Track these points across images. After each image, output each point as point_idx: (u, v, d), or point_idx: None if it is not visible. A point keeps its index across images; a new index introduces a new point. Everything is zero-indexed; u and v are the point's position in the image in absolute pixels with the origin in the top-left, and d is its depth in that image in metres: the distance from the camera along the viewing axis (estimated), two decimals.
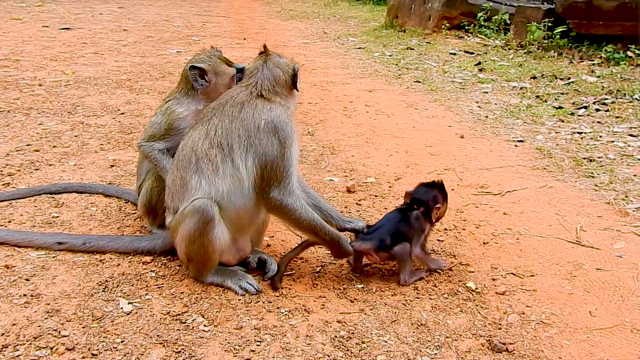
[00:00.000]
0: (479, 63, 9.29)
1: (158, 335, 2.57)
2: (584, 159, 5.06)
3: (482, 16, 11.65)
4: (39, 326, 2.58)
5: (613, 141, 5.54)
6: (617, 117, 6.30)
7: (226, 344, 2.53)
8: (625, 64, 8.37)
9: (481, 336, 2.68)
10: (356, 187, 4.43)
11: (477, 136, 5.82)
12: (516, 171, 4.84)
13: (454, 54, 10.27)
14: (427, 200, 3.25)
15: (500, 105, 6.98)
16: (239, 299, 2.89)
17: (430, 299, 2.99)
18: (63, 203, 3.91)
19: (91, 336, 2.54)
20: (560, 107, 6.71)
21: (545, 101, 7.04)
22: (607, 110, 6.53)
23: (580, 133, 5.82)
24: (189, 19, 15.43)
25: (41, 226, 3.58)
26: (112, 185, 4.26)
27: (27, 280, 2.96)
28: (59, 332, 2.55)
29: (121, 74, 8.14)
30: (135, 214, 3.85)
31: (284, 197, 2.90)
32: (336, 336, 2.63)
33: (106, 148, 5.09)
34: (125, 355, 2.43)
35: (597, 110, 6.57)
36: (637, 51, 8.51)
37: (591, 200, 4.24)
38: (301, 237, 3.46)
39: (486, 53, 10.18)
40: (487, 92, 7.64)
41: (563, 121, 6.25)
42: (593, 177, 4.67)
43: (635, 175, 4.67)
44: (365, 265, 3.27)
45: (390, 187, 4.49)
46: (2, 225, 3.57)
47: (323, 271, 3.24)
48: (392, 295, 3.00)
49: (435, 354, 2.55)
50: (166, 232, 3.17)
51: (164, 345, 2.50)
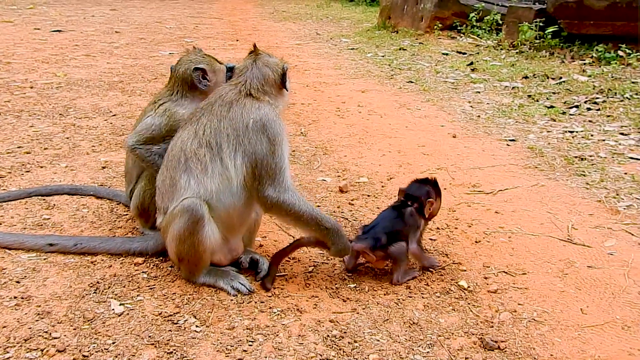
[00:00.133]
0: (471, 63, 9.32)
1: (150, 336, 2.56)
2: (576, 157, 5.08)
3: (474, 16, 11.69)
4: (30, 328, 2.57)
5: (604, 140, 5.57)
6: (608, 116, 6.33)
7: (218, 344, 2.53)
8: (616, 63, 8.41)
9: (473, 334, 2.68)
10: (349, 187, 4.43)
11: (470, 135, 5.83)
12: (508, 170, 4.85)
13: (447, 54, 10.30)
14: (419, 196, 3.27)
15: (492, 104, 7.00)
16: (231, 299, 2.89)
17: (423, 297, 2.99)
18: (54, 205, 3.90)
19: (82, 338, 2.52)
20: (552, 107, 6.73)
21: (537, 100, 7.07)
22: (598, 109, 6.56)
23: (571, 132, 5.84)
24: (182, 21, 15.40)
25: (32, 228, 3.56)
26: (103, 186, 4.24)
27: (18, 282, 2.94)
28: (50, 334, 2.54)
29: (113, 76, 8.12)
30: (127, 215, 3.83)
31: (279, 195, 2.89)
32: (328, 335, 2.63)
33: (98, 150, 5.07)
34: (116, 357, 2.42)
35: (589, 109, 6.60)
36: (627, 50, 8.55)
37: (582, 199, 4.26)
38: (294, 237, 3.45)
39: (478, 53, 10.21)
40: (479, 92, 7.66)
41: (555, 120, 6.28)
42: (584, 175, 4.69)
43: (626, 174, 4.69)
44: (359, 264, 3.27)
45: (382, 186, 4.49)
46: None
47: (315, 271, 3.23)
48: (385, 295, 3.00)
49: (428, 352, 2.55)
50: (158, 233, 3.16)
51: (155, 346, 2.50)
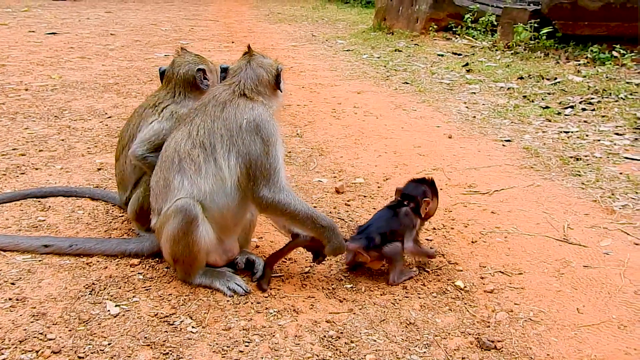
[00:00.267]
0: (467, 64, 9.33)
1: (145, 337, 2.55)
2: (571, 157, 5.09)
3: (469, 18, 11.71)
4: (25, 330, 2.56)
5: (599, 140, 5.58)
6: (603, 116, 6.34)
7: (214, 345, 2.52)
8: (610, 63, 8.43)
9: (470, 334, 2.68)
10: (345, 188, 4.43)
11: (465, 136, 5.84)
12: (504, 170, 4.86)
13: (442, 55, 10.31)
14: (416, 196, 3.27)
15: (487, 105, 7.01)
16: (228, 300, 2.88)
17: (419, 297, 2.99)
18: (49, 207, 3.88)
19: (78, 339, 2.51)
20: (547, 107, 6.75)
21: (532, 101, 7.08)
22: (593, 110, 6.57)
23: (566, 132, 5.85)
24: (177, 23, 15.38)
25: (27, 230, 3.55)
26: (97, 188, 4.23)
27: (13, 284, 2.93)
28: (45, 335, 2.53)
29: (108, 78, 8.10)
30: (122, 217, 3.82)
31: (275, 195, 2.88)
32: (325, 336, 2.63)
33: (93, 152, 5.06)
34: (112, 358, 2.41)
35: (584, 109, 6.62)
36: (622, 51, 8.59)
37: (578, 199, 4.27)
38: (290, 238, 3.44)
39: (473, 54, 10.23)
40: (474, 93, 7.67)
41: (550, 121, 6.29)
42: (580, 175, 4.70)
43: (621, 174, 4.71)
44: (357, 265, 3.27)
45: (379, 187, 4.49)
46: None
47: (312, 271, 3.23)
48: (381, 295, 3.00)
49: (424, 352, 2.55)
50: (154, 234, 3.15)
51: (151, 347, 2.49)
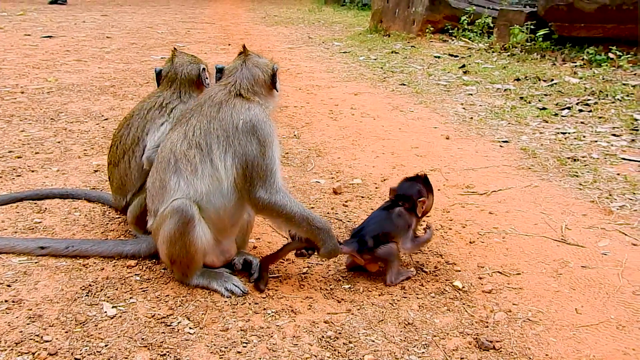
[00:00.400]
0: (463, 66, 9.34)
1: (143, 339, 2.53)
2: (568, 158, 5.10)
3: (465, 20, 11.72)
4: (21, 332, 2.54)
5: (596, 141, 5.59)
6: (600, 117, 6.35)
7: (212, 346, 2.51)
8: (607, 65, 8.45)
9: (468, 334, 2.67)
10: (342, 189, 4.42)
11: (463, 137, 5.84)
12: (501, 171, 4.86)
13: (439, 57, 10.32)
14: (411, 195, 3.24)
15: (484, 106, 7.01)
16: (225, 301, 2.86)
17: (418, 298, 2.98)
18: (46, 209, 3.86)
19: (74, 341, 2.50)
20: (544, 108, 6.76)
21: (529, 102, 7.09)
22: (590, 111, 6.58)
23: (564, 133, 5.86)
24: (173, 26, 15.37)
25: (23, 232, 3.53)
26: (95, 189, 4.22)
27: (9, 286, 2.91)
28: (41, 337, 2.51)
29: (105, 81, 8.08)
30: (119, 218, 3.80)
31: (271, 196, 2.87)
32: (323, 336, 2.61)
33: (90, 153, 5.04)
34: (109, 359, 2.40)
35: (580, 110, 6.63)
36: (618, 53, 8.61)
37: (576, 199, 4.27)
38: (288, 238, 3.43)
39: (470, 56, 10.24)
40: (471, 94, 7.67)
41: (547, 122, 6.30)
42: (577, 176, 4.70)
43: (618, 174, 4.71)
44: (356, 266, 3.24)
45: (376, 188, 4.49)
46: None
47: (309, 272, 3.22)
48: (379, 295, 2.99)
49: (423, 352, 2.54)
50: (151, 236, 3.13)
51: (148, 349, 2.47)
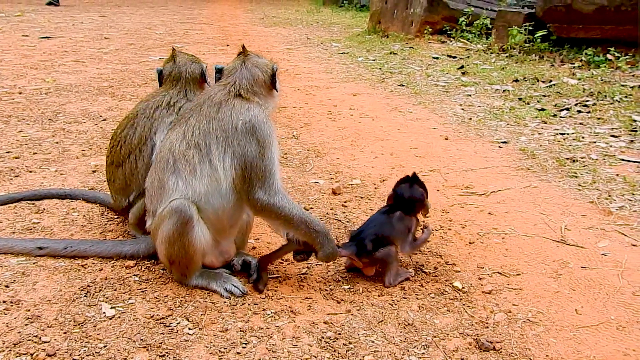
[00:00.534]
0: (462, 67, 9.35)
1: (142, 340, 2.52)
2: (567, 159, 5.09)
3: (463, 21, 11.73)
4: (19, 332, 2.52)
5: (595, 142, 5.58)
6: (599, 118, 6.35)
7: (211, 347, 2.50)
8: (605, 66, 8.45)
9: (468, 335, 2.67)
10: (342, 189, 4.41)
11: (462, 138, 5.84)
12: (500, 172, 4.85)
13: (437, 58, 10.32)
14: (411, 198, 3.22)
15: (483, 107, 7.01)
16: (224, 302, 2.85)
17: (417, 298, 2.97)
18: (44, 209, 3.84)
19: (73, 341, 2.48)
20: (543, 109, 6.76)
21: (528, 103, 7.09)
22: (589, 112, 6.59)
23: (562, 134, 5.86)
24: (172, 27, 15.36)
25: (21, 232, 3.51)
26: (93, 190, 4.20)
27: (7, 286, 2.89)
28: (40, 338, 2.49)
29: (103, 81, 8.06)
30: (118, 218, 3.79)
31: (270, 198, 2.85)
32: (323, 337, 2.60)
33: (88, 154, 5.02)
34: None
35: (579, 111, 6.63)
36: (616, 54, 8.62)
37: (575, 200, 4.26)
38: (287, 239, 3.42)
39: (468, 57, 10.25)
40: (470, 95, 7.67)
41: (546, 123, 6.30)
42: (576, 177, 4.70)
43: (617, 175, 4.71)
44: (353, 267, 3.24)
45: (375, 188, 4.48)
46: None
47: (309, 272, 3.21)
48: (379, 296, 2.98)
49: (423, 353, 2.53)
50: (149, 236, 3.12)
51: (147, 350, 2.46)
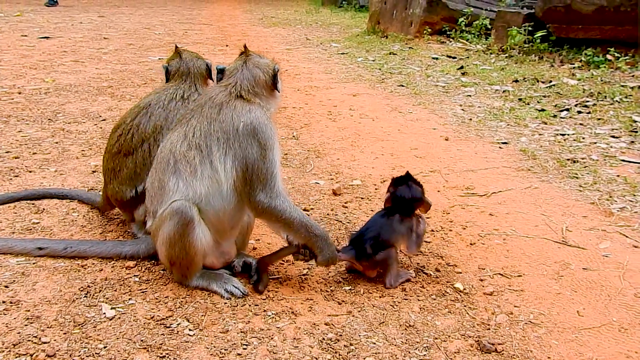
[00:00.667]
0: (462, 67, 9.34)
1: (142, 340, 2.51)
2: (568, 160, 5.09)
3: (463, 21, 11.72)
4: (19, 333, 2.51)
5: (596, 142, 5.58)
6: (599, 119, 6.34)
7: (212, 348, 2.49)
8: (605, 67, 8.45)
9: (470, 337, 2.66)
10: (342, 190, 4.40)
11: (462, 138, 5.83)
12: (501, 172, 4.84)
13: (437, 58, 10.31)
14: (411, 198, 3.18)
15: (483, 108, 7.01)
16: (225, 303, 2.84)
17: (418, 300, 2.96)
18: (43, 209, 3.83)
19: (73, 342, 2.47)
20: (543, 110, 6.75)
21: (528, 104, 7.08)
22: (589, 113, 6.58)
23: (563, 135, 5.85)
24: (171, 27, 15.34)
25: (21, 232, 3.50)
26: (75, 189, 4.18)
27: (6, 287, 2.88)
28: (39, 338, 2.48)
29: (102, 81, 8.05)
30: (118, 219, 3.78)
31: (271, 200, 2.84)
32: (324, 338, 2.59)
33: (88, 154, 5.01)
34: None
35: (579, 112, 6.62)
36: (616, 54, 8.61)
37: (576, 201, 4.26)
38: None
39: (468, 57, 10.24)
40: (470, 96, 7.67)
41: (546, 123, 6.29)
42: (577, 177, 4.69)
43: (618, 176, 4.70)
44: (353, 269, 3.22)
45: (376, 189, 4.47)
46: None
47: (310, 273, 3.20)
48: (380, 297, 2.97)
49: (424, 355, 2.52)
50: (150, 236, 3.11)
51: (148, 350, 2.45)
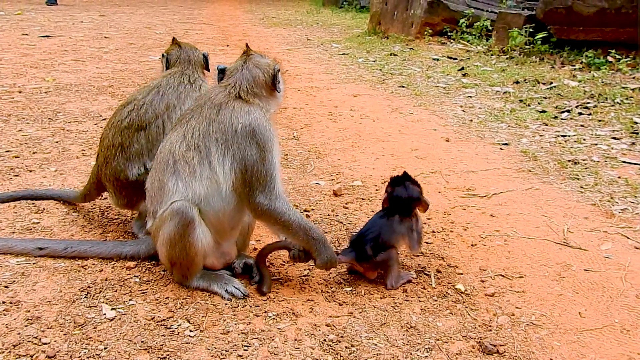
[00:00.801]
0: (462, 68, 9.33)
1: (142, 341, 2.50)
2: (569, 161, 5.08)
3: (464, 22, 11.71)
4: (19, 334, 2.50)
5: (596, 144, 5.57)
6: (600, 120, 6.34)
7: (213, 349, 2.47)
8: (605, 68, 8.44)
9: (472, 338, 2.65)
10: (343, 191, 4.39)
11: (463, 139, 5.82)
12: (502, 174, 4.84)
13: (437, 59, 10.31)
14: (410, 198, 3.16)
15: (484, 109, 7.00)
16: (226, 304, 2.83)
17: (420, 301, 2.95)
18: (44, 209, 3.82)
19: (73, 343, 2.46)
20: (544, 111, 6.74)
21: (529, 105, 7.08)
22: (590, 114, 6.57)
23: (564, 136, 5.85)
24: (172, 27, 15.34)
25: (21, 232, 3.49)
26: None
27: (6, 287, 2.87)
28: (40, 339, 2.47)
29: (103, 81, 8.04)
30: (118, 219, 3.77)
31: (270, 202, 2.83)
32: (325, 340, 2.58)
33: (88, 154, 5.00)
34: None
35: (580, 114, 6.62)
36: (617, 56, 8.60)
37: (577, 202, 4.25)
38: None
39: (469, 58, 10.23)
40: (471, 97, 7.66)
41: (547, 124, 6.28)
42: (578, 179, 4.69)
43: (619, 177, 4.69)
44: (354, 270, 3.22)
45: (377, 190, 4.46)
46: None
47: (311, 274, 3.19)
48: (381, 298, 2.96)
49: (426, 356, 2.51)
50: (150, 237, 3.10)
51: (148, 352, 2.44)
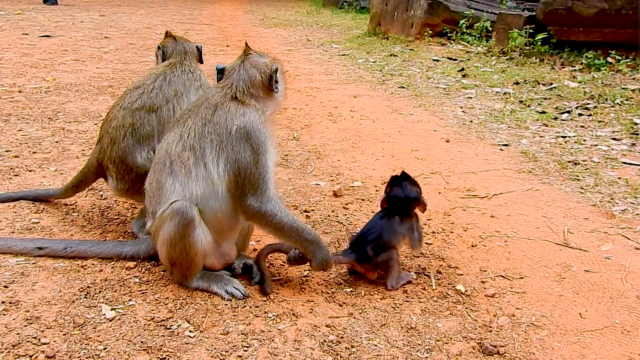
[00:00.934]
0: (462, 69, 9.33)
1: (142, 342, 2.49)
2: (569, 162, 5.08)
3: (464, 23, 11.71)
4: (18, 334, 2.50)
5: (596, 145, 5.57)
6: (600, 121, 6.34)
7: (212, 350, 2.47)
8: (605, 69, 8.44)
9: (472, 339, 2.65)
10: (343, 191, 4.39)
11: (463, 140, 5.82)
12: (502, 174, 4.83)
13: (437, 60, 10.31)
14: (408, 198, 3.15)
15: (484, 110, 7.00)
16: (226, 304, 2.83)
17: (420, 302, 2.95)
18: (43, 209, 3.82)
19: (72, 343, 2.46)
20: (544, 112, 6.74)
21: (529, 106, 7.08)
22: (590, 115, 6.57)
23: (564, 137, 5.85)
24: (171, 27, 15.31)
25: (21, 232, 3.48)
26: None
27: (6, 287, 2.86)
28: (39, 339, 2.46)
29: (103, 81, 8.03)
30: (118, 219, 3.77)
31: (262, 205, 2.82)
32: (325, 340, 2.58)
33: (88, 154, 4.98)
34: None
35: (580, 114, 6.62)
36: (617, 57, 8.60)
37: (577, 203, 4.25)
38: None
39: (469, 59, 10.23)
40: (471, 98, 7.66)
41: (547, 125, 6.28)
42: (578, 180, 4.68)
43: (619, 178, 4.69)
44: (354, 270, 3.21)
45: (377, 190, 4.45)
46: None
47: (311, 275, 3.18)
48: (381, 299, 2.96)
49: (426, 357, 2.51)
50: (150, 237, 3.09)
51: (148, 352, 2.43)
